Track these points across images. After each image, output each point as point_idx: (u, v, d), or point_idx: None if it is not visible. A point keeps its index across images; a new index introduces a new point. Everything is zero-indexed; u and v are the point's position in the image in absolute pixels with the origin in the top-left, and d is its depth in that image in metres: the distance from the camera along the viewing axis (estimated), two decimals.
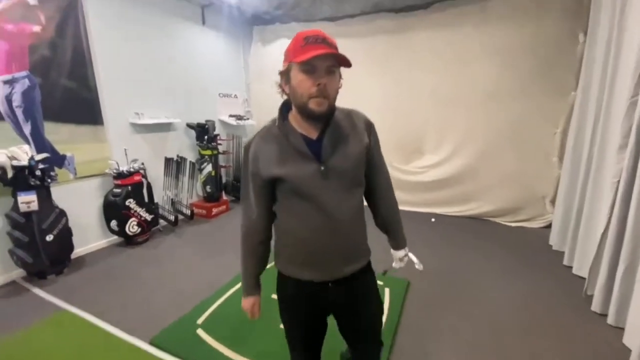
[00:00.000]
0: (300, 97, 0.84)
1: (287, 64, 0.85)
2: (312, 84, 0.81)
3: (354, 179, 0.97)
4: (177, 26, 3.82)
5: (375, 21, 3.97)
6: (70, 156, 2.89)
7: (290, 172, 0.90)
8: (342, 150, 0.92)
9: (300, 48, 0.80)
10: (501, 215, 3.77)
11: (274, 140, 0.92)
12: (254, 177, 0.95)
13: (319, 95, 0.82)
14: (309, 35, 0.81)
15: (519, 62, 3.36)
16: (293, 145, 0.90)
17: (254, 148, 0.94)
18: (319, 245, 0.96)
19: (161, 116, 3.61)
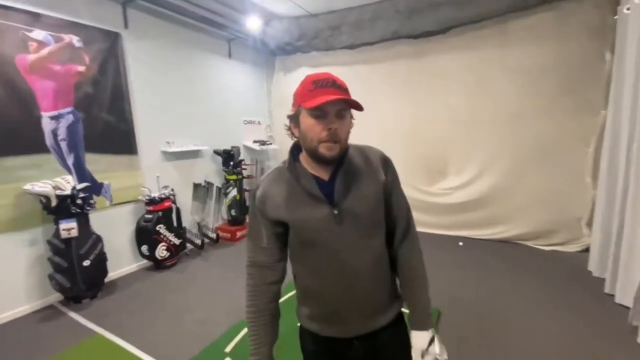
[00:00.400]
0: (310, 142, 0.80)
1: (296, 108, 0.82)
2: (323, 128, 0.77)
3: (371, 222, 0.88)
4: (205, 60, 4.06)
5: (394, 47, 4.07)
6: (107, 184, 3.07)
7: (300, 217, 0.84)
8: (356, 190, 0.85)
9: (309, 92, 0.78)
10: (533, 238, 3.61)
11: (285, 182, 0.87)
12: (263, 217, 0.87)
13: (330, 139, 0.78)
14: (318, 79, 0.79)
15: (543, 81, 3.32)
16: (304, 188, 0.84)
17: (262, 190, 0.88)
18: (337, 300, 0.88)
19: (190, 144, 3.78)
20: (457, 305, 2.44)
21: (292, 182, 0.86)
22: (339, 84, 0.80)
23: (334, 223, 0.84)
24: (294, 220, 0.85)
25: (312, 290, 0.92)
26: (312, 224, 0.84)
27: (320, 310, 0.92)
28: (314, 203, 0.84)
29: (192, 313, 2.48)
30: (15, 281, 2.52)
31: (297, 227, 0.86)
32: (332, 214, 0.83)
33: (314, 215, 0.84)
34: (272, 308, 0.94)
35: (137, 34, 3.24)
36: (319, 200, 0.84)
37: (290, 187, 0.86)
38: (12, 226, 2.48)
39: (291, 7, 3.80)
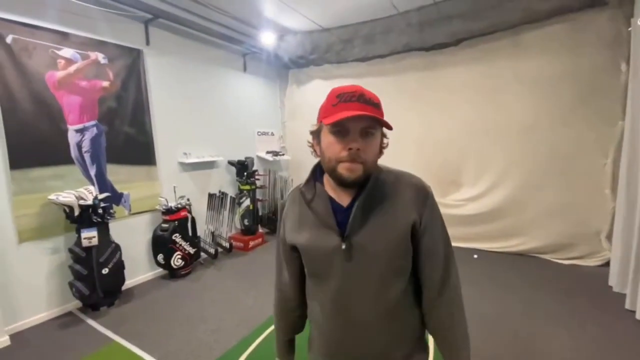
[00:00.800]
0: (328, 161, 0.73)
1: (318, 124, 0.76)
2: (343, 147, 0.69)
3: (389, 267, 0.75)
4: (221, 74, 4.19)
5: (406, 59, 4.11)
6: (127, 194, 3.17)
7: (307, 242, 0.78)
8: (375, 224, 0.73)
9: (332, 107, 0.70)
10: (551, 251, 3.52)
11: (299, 203, 0.82)
12: (282, 240, 0.86)
13: (350, 160, 0.69)
14: (344, 92, 0.70)
15: (558, 92, 3.29)
16: (315, 210, 0.78)
17: (285, 207, 0.87)
18: (341, 347, 0.80)
19: (206, 155, 3.88)
20: (474, 321, 2.38)
21: (303, 203, 0.80)
22: (368, 98, 0.70)
23: (342, 258, 0.74)
24: (302, 245, 0.79)
25: (318, 322, 0.84)
26: (319, 253, 0.76)
27: (326, 345, 0.84)
28: (324, 229, 0.76)
29: (206, 323, 2.51)
30: (37, 288, 2.61)
31: (304, 253, 0.80)
32: (340, 247, 0.73)
33: (322, 244, 0.75)
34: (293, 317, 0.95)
35: (158, 50, 3.38)
36: (329, 227, 0.75)
37: (301, 208, 0.81)
38: (37, 234, 2.59)
39: (304, 22, 3.91)
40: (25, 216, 2.52)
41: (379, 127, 0.73)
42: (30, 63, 2.51)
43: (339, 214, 0.76)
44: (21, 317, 2.52)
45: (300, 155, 5.22)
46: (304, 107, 5.04)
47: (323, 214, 0.76)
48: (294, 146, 5.26)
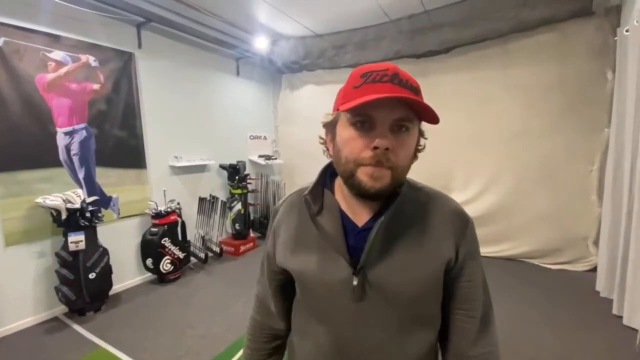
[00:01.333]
0: (345, 163, 0.53)
1: (334, 111, 0.57)
2: (366, 145, 0.51)
3: (415, 314, 0.58)
4: (214, 77, 4.20)
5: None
6: (116, 197, 3.14)
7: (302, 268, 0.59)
8: (400, 255, 0.56)
9: (353, 89, 0.52)
10: (540, 256, 3.56)
11: (299, 213, 0.63)
12: (270, 257, 0.68)
13: (375, 163, 0.50)
14: (372, 70, 0.52)
15: (546, 100, 3.36)
16: (321, 227, 0.58)
17: (279, 216, 0.68)
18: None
19: (197, 159, 3.87)
20: None
21: (306, 215, 0.61)
22: (405, 79, 0.52)
23: (351, 296, 0.55)
24: (297, 271, 0.61)
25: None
26: (321, 285, 0.57)
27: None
28: (330, 254, 0.57)
29: (193, 328, 2.48)
30: (23, 292, 2.57)
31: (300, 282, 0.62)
32: (351, 282, 0.54)
33: (326, 274, 0.56)
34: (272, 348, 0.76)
35: (150, 53, 3.38)
36: (337, 252, 0.56)
37: (302, 220, 0.62)
38: (23, 238, 2.55)
39: (297, 28, 3.94)
40: (11, 219, 2.48)
41: (416, 120, 0.54)
42: (20, 65, 2.49)
43: (352, 235, 0.57)
44: (6, 322, 2.47)
45: (293, 159, 5.22)
46: (297, 111, 5.06)
47: (332, 233, 0.57)
48: (287, 150, 5.27)
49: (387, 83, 0.50)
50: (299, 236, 0.62)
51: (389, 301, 0.56)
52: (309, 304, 0.63)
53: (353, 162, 0.52)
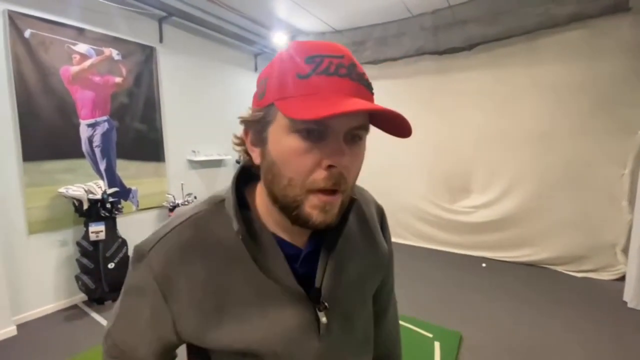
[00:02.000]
0: (287, 187, 0.39)
1: (265, 105, 0.40)
2: (316, 162, 0.38)
3: (366, 331, 0.52)
4: (232, 73, 4.21)
5: (418, 63, 4.06)
6: (135, 189, 3.19)
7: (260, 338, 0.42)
8: (354, 274, 0.49)
9: (298, 80, 0.37)
10: (563, 263, 3.42)
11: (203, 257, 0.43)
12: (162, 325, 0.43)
13: (330, 186, 0.38)
14: (321, 55, 0.38)
15: (575, 100, 3.21)
16: (270, 271, 0.43)
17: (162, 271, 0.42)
18: None
19: (214, 153, 3.90)
20: (480, 330, 2.33)
21: (218, 258, 0.43)
22: (361, 71, 0.40)
23: (314, 337, 0.44)
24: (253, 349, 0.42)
25: None
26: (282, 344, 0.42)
27: None
28: (285, 301, 0.43)
29: None
30: (45, 280, 2.64)
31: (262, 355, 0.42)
32: (315, 321, 0.44)
33: (284, 327, 0.43)
34: None
35: (171, 48, 3.41)
36: (293, 295, 0.43)
37: (216, 267, 0.43)
38: (46, 227, 2.62)
39: (317, 24, 3.90)
40: (35, 208, 2.54)
41: (368, 127, 0.42)
42: (46, 57, 2.54)
43: (298, 263, 0.45)
44: (28, 308, 2.54)
45: None
46: None
47: (275, 270, 0.43)
48: None
49: (344, 77, 0.37)
50: (220, 293, 0.42)
51: (350, 328, 0.47)
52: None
53: (300, 186, 0.38)
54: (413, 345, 2.16)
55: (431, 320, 2.44)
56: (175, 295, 0.42)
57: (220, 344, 0.42)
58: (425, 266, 3.59)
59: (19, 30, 2.40)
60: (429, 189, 4.12)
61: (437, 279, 3.23)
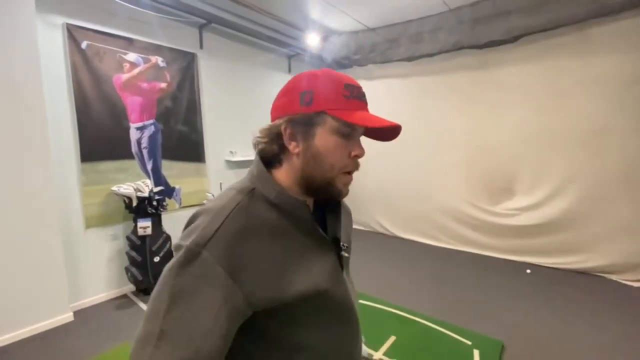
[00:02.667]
0: (329, 170, 0.56)
1: (313, 109, 0.55)
2: (347, 153, 0.57)
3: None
4: (267, 75, 4.32)
5: (456, 58, 3.91)
6: (178, 188, 3.38)
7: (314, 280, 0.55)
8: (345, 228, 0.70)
9: (344, 99, 0.55)
10: (618, 272, 3.13)
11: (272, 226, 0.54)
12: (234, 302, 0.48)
13: (354, 169, 0.59)
14: (351, 84, 0.57)
15: (631, 94, 2.92)
16: (307, 229, 0.57)
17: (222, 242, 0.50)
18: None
19: (251, 154, 4.01)
20: (523, 339, 2.19)
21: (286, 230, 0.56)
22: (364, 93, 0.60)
23: (341, 271, 0.62)
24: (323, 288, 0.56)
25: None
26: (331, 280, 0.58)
27: None
28: (321, 250, 0.59)
29: None
30: (98, 270, 2.88)
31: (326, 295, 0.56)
32: (338, 259, 0.62)
33: (329, 268, 0.59)
34: None
35: (210, 53, 3.57)
36: (324, 243, 0.60)
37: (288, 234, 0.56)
38: (101, 222, 2.85)
39: (349, 23, 3.89)
40: (91, 205, 2.78)
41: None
42: (100, 66, 2.77)
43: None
44: (84, 296, 2.78)
45: None
46: None
47: (313, 227, 0.58)
48: None
49: (362, 101, 0.58)
50: (278, 258, 0.53)
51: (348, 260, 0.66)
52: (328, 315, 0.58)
53: (337, 170, 0.57)
54: (451, 352, 2.09)
55: (470, 327, 2.35)
56: (242, 272, 0.49)
57: (296, 293, 0.52)
58: (465, 271, 3.45)
59: (76, 41, 2.63)
60: (469, 190, 3.95)
61: (476, 285, 3.09)
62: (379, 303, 2.73)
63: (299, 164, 0.58)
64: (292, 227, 0.56)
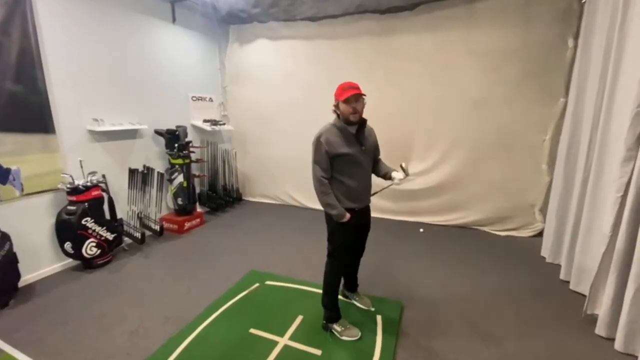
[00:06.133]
0: (347, 116, 1.77)
1: (337, 100, 1.80)
2: (353, 108, 1.76)
3: (372, 158, 1.98)
4: (143, 24, 3.47)
5: (359, 22, 3.78)
6: (16, 170, 2.51)
7: (351, 151, 1.79)
8: (367, 141, 1.88)
9: (343, 90, 1.77)
10: (490, 224, 3.67)
11: (337, 133, 1.80)
12: (327, 153, 1.77)
13: (354, 112, 1.76)
14: (346, 85, 1.79)
15: (507, 67, 3.26)
16: (348, 135, 1.80)
17: (324, 137, 1.78)
18: (362, 189, 1.90)
19: (125, 122, 3.25)
20: (419, 296, 2.35)
21: (341, 133, 1.81)
22: (358, 86, 1.78)
23: (361, 150, 1.83)
24: (348, 152, 1.79)
25: (351, 187, 1.85)
26: (353, 151, 1.80)
27: (354, 194, 1.87)
28: (355, 144, 1.82)
29: (124, 322, 2.12)
30: None
31: (349, 154, 1.80)
32: (361, 148, 1.83)
33: (355, 148, 1.81)
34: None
35: None
36: (358, 142, 1.83)
37: (339, 134, 1.80)
38: None
39: None
40: None
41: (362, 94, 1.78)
42: None
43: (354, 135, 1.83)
44: None
45: (244, 125, 4.73)
46: (249, 69, 4.50)
47: (351, 137, 1.82)
48: (238, 115, 4.75)
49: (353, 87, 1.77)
50: (343, 141, 1.79)
51: (367, 153, 1.89)
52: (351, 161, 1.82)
53: (351, 115, 1.76)
54: (357, 323, 2.07)
55: (373, 293, 2.40)
56: (329, 144, 1.79)
57: (342, 152, 1.79)
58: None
59: None
60: None
61: (377, 249, 3.21)
62: (286, 281, 2.59)
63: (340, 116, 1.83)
64: (344, 135, 1.80)
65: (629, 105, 1.76)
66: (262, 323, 2.08)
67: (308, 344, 1.90)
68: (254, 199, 5.03)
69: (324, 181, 1.79)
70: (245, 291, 2.47)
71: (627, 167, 1.79)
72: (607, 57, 2.10)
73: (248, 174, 4.98)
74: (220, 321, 2.12)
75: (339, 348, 1.87)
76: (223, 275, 2.72)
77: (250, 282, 2.59)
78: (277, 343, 1.90)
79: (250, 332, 2.00)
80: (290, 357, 1.80)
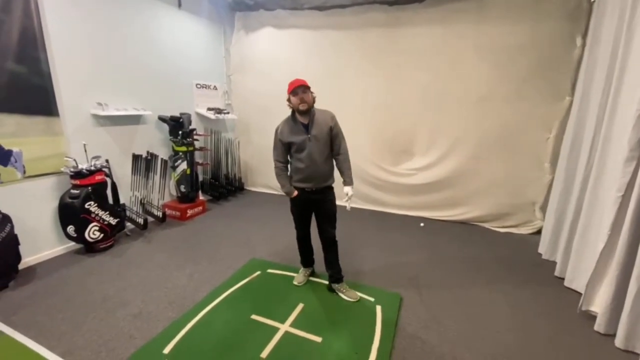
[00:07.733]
0: (296, 106, 2.02)
1: (289, 93, 2.03)
2: (300, 99, 1.99)
3: (326, 145, 2.12)
4: (148, 6, 3.42)
5: (367, 13, 3.74)
6: (18, 152, 2.50)
7: (296, 139, 2.05)
8: (316, 130, 2.06)
9: (291, 86, 2.01)
10: (490, 220, 3.69)
11: (289, 124, 2.09)
12: (281, 141, 2.11)
13: (302, 102, 1.99)
14: (294, 81, 2.02)
15: (513, 63, 3.24)
16: (297, 126, 2.06)
17: (280, 127, 2.12)
18: (309, 172, 2.11)
19: (129, 107, 3.23)
20: (418, 289, 2.37)
21: (292, 124, 2.08)
22: (304, 81, 2.01)
23: (308, 140, 2.05)
24: (293, 141, 2.06)
25: (300, 169, 2.12)
26: (299, 140, 2.05)
27: (302, 176, 2.13)
28: (304, 134, 2.04)
29: (126, 306, 2.14)
30: None
31: (295, 143, 2.07)
32: (308, 138, 2.04)
33: (302, 138, 2.04)
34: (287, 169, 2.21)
35: None
36: (305, 132, 2.05)
37: (291, 125, 2.08)
38: None
39: None
40: None
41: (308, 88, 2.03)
42: None
43: (303, 126, 2.07)
44: None
45: (248, 114, 4.71)
46: (254, 58, 4.46)
47: (300, 126, 2.06)
48: (242, 104, 4.72)
49: (300, 83, 2.01)
50: (288, 131, 2.09)
51: (318, 144, 2.08)
52: (294, 152, 2.12)
53: (299, 105, 2.01)
54: (356, 313, 2.10)
55: (373, 284, 2.42)
56: (281, 134, 2.13)
57: (289, 141, 2.10)
58: (369, 229, 3.59)
59: None
60: (374, 152, 4.04)
61: (377, 241, 3.24)
62: (287, 270, 2.61)
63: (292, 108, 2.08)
64: (294, 124, 2.08)
65: (634, 106, 1.76)
66: (264, 310, 2.11)
67: (309, 331, 1.92)
68: (256, 188, 5.03)
69: (278, 164, 2.16)
70: (246, 278, 2.49)
71: (630, 167, 1.80)
72: (613, 57, 2.09)
73: (251, 164, 4.97)
74: (222, 307, 2.14)
75: (339, 336, 1.90)
76: (225, 262, 2.73)
77: (252, 270, 2.61)
78: (278, 329, 1.92)
79: (252, 318, 2.03)
80: (291, 343, 1.82)
